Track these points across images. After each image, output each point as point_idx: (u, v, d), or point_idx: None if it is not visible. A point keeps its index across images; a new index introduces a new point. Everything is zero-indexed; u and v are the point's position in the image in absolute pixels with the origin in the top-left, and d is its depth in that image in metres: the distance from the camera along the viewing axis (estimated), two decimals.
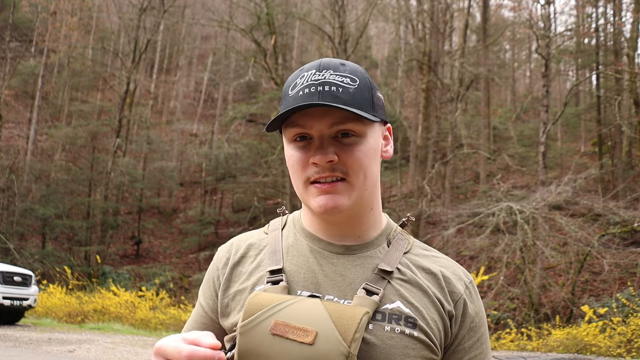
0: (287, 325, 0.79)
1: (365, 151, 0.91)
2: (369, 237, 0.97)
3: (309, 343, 0.77)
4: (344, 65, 0.91)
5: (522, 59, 35.33)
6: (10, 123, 25.81)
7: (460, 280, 0.96)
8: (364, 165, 0.91)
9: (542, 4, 17.64)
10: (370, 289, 0.89)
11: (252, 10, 21.12)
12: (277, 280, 0.91)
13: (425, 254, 1.00)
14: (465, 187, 22.68)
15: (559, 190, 13.20)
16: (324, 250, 0.95)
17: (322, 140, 0.90)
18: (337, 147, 0.90)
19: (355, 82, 0.89)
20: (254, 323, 0.81)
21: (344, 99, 0.87)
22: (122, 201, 24.78)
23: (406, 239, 1.01)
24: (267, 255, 0.97)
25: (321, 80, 0.88)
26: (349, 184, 0.91)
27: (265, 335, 0.79)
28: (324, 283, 0.91)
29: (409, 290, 0.91)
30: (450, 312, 0.92)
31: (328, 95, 0.87)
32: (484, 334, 0.96)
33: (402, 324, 0.87)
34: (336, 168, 0.90)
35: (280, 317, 0.80)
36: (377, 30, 36.15)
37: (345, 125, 0.89)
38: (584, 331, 9.42)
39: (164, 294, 14.55)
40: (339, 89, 0.88)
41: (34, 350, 7.95)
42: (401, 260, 0.96)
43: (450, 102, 18.69)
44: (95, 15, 30.83)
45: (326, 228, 0.96)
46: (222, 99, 30.58)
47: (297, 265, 0.94)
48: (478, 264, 13.41)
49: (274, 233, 1.01)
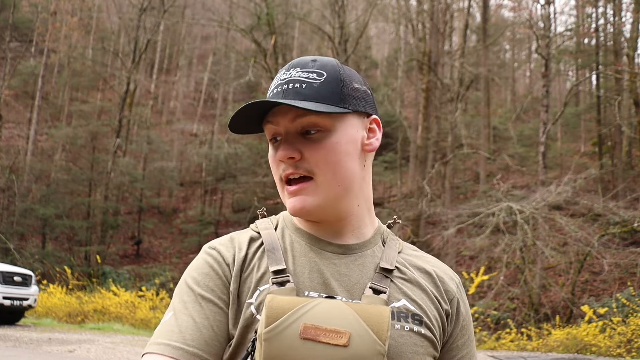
0: (317, 328, 0.75)
1: (332, 146, 0.88)
2: (366, 236, 0.96)
3: (344, 345, 0.74)
4: (315, 62, 0.90)
5: (522, 59, 35.35)
6: (10, 123, 25.81)
7: (452, 279, 0.98)
8: (330, 161, 0.88)
9: (542, 4, 17.64)
10: (377, 287, 0.88)
11: (252, 10, 21.12)
12: (284, 281, 0.87)
13: (416, 254, 1.00)
14: (465, 187, 22.68)
15: (559, 190, 13.21)
16: (324, 250, 0.93)
17: (287, 136, 0.89)
18: (302, 144, 0.88)
19: (321, 76, 0.88)
20: (280, 328, 0.76)
21: (307, 94, 0.86)
22: (122, 201, 24.79)
23: (396, 239, 1.00)
24: (265, 254, 0.93)
25: (287, 79, 0.89)
26: (315, 182, 0.88)
27: (295, 340, 0.75)
28: (331, 283, 0.89)
29: (411, 289, 0.91)
30: (447, 310, 0.94)
31: (291, 93, 0.87)
32: (472, 333, 1.00)
33: (410, 322, 0.87)
34: (299, 165, 0.88)
35: (308, 319, 0.76)
36: (377, 30, 36.16)
37: (308, 119, 0.87)
38: (584, 331, 9.43)
39: (164, 294, 14.54)
40: (303, 84, 0.87)
41: (34, 350, 7.96)
42: (397, 260, 0.95)
43: (450, 102, 18.70)
44: (95, 15, 30.83)
45: (318, 227, 0.94)
46: (222, 99, 30.59)
47: (300, 265, 0.91)
48: (478, 264, 13.41)
49: (268, 231, 0.96)
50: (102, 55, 31.23)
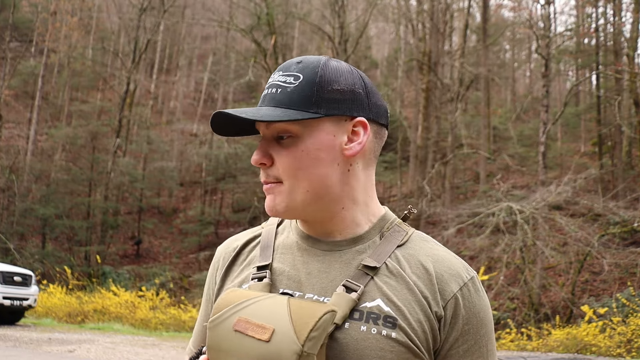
0: (248, 322, 0.79)
1: (299, 153, 0.87)
2: (357, 233, 0.92)
3: (266, 340, 0.77)
4: (299, 63, 0.89)
5: (522, 59, 35.34)
6: (10, 123, 25.81)
7: (456, 277, 0.87)
8: (295, 168, 0.87)
9: (542, 4, 17.64)
10: (350, 285, 0.85)
11: (252, 10, 21.12)
12: (261, 277, 0.90)
13: (423, 246, 0.92)
14: (465, 187, 22.67)
15: (559, 190, 13.21)
16: (312, 248, 0.93)
17: (263, 141, 0.91)
18: (275, 149, 0.89)
19: (297, 79, 0.87)
20: (220, 319, 0.82)
21: (279, 100, 0.87)
22: (122, 201, 24.78)
23: (404, 230, 0.93)
24: (259, 252, 0.97)
25: (270, 83, 0.90)
26: (282, 186, 0.89)
27: (229, 331, 0.80)
28: (306, 281, 0.89)
29: (394, 288, 0.86)
30: (438, 313, 0.85)
31: (268, 98, 0.88)
32: (484, 338, 0.87)
33: (380, 324, 0.82)
34: (269, 173, 0.90)
35: (244, 314, 0.80)
36: (377, 30, 36.16)
37: (279, 125, 0.87)
38: (584, 331, 9.42)
39: (164, 294, 14.55)
40: (278, 89, 0.88)
41: (34, 350, 7.96)
42: (392, 254, 0.90)
43: (450, 102, 18.70)
44: (95, 15, 30.83)
45: (309, 226, 0.94)
46: (222, 99, 30.59)
47: (283, 262, 0.93)
48: (478, 264, 13.41)
49: (269, 228, 1.00)
50: (102, 55, 31.22)
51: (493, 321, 0.92)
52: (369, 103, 0.91)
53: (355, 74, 0.91)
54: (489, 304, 0.91)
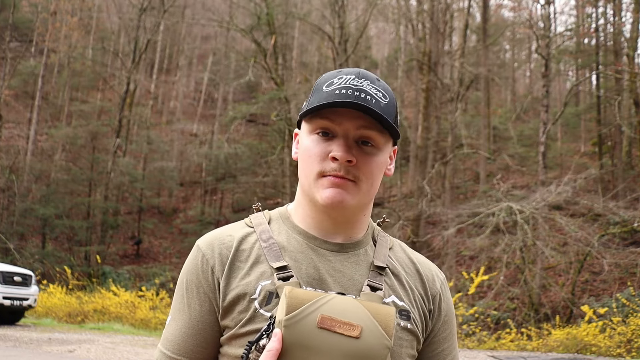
0: (333, 320, 0.82)
1: (378, 163, 0.97)
2: (358, 236, 1.03)
3: (356, 337, 0.82)
4: (379, 81, 0.97)
5: (522, 59, 35.33)
6: (10, 123, 25.81)
7: (436, 277, 1.05)
8: (373, 175, 0.97)
9: (542, 4, 17.65)
10: (374, 285, 0.95)
11: (252, 10, 21.11)
12: (288, 277, 0.93)
13: (406, 250, 1.08)
14: (465, 187, 22.67)
15: (559, 190, 13.20)
16: (320, 248, 0.99)
17: (347, 140, 0.94)
18: (357, 152, 0.95)
19: (386, 98, 0.96)
20: (300, 316, 0.83)
21: (382, 109, 0.94)
22: (122, 201, 24.78)
23: (387, 236, 1.07)
24: (263, 250, 0.97)
25: (359, 87, 0.94)
26: (357, 186, 0.95)
27: (312, 329, 0.82)
28: (327, 279, 0.95)
29: (399, 286, 0.99)
30: (429, 307, 1.01)
31: (363, 102, 0.92)
32: (454, 327, 1.07)
33: (398, 317, 0.95)
34: (350, 171, 0.94)
35: (326, 311, 0.83)
36: (377, 30, 36.15)
37: (370, 131, 0.95)
38: (584, 331, 9.42)
39: (164, 294, 14.54)
40: (373, 99, 0.93)
41: (34, 350, 7.96)
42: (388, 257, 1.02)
43: (450, 102, 18.69)
44: (95, 15, 30.82)
45: (321, 225, 0.99)
46: (222, 99, 30.58)
47: (297, 261, 0.96)
48: (478, 264, 13.41)
49: (263, 227, 1.01)
50: (102, 55, 31.21)
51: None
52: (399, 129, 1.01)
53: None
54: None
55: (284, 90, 19.50)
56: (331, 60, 21.99)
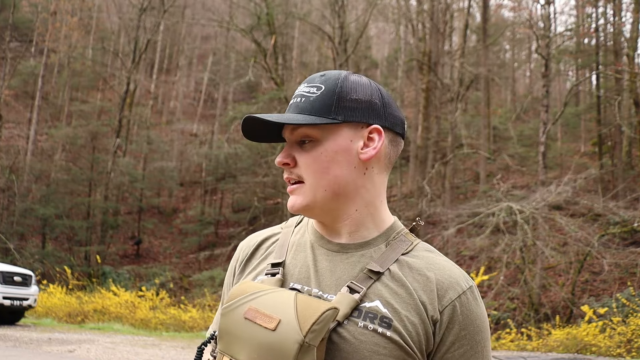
0: (257, 311, 0.87)
1: (319, 154, 0.97)
2: (366, 238, 1.00)
3: (272, 329, 0.84)
4: (322, 76, 0.99)
5: (522, 59, 35.33)
6: (10, 123, 25.81)
7: (455, 285, 0.94)
8: (315, 168, 0.97)
9: (542, 4, 17.64)
10: (354, 287, 0.93)
11: (252, 10, 21.12)
12: (274, 273, 0.99)
13: (425, 255, 0.98)
14: (465, 187, 22.67)
15: (559, 190, 13.20)
16: (322, 247, 1.01)
17: (287, 145, 1.01)
18: (298, 152, 0.99)
19: (320, 89, 0.97)
20: (233, 306, 0.90)
21: (303, 107, 0.97)
22: (122, 201, 24.78)
23: (410, 240, 1.01)
24: (275, 249, 1.05)
25: (296, 93, 1.00)
26: (303, 185, 0.98)
27: (239, 318, 0.88)
28: (314, 278, 0.97)
29: (393, 292, 0.92)
30: (434, 317, 0.91)
31: (293, 107, 0.99)
32: (480, 344, 0.93)
33: (377, 323, 0.90)
34: (293, 172, 0.99)
35: (254, 303, 0.88)
36: (377, 30, 36.16)
37: (301, 130, 0.97)
38: (584, 331, 9.42)
39: (164, 294, 14.55)
40: (302, 99, 0.98)
41: (34, 350, 7.96)
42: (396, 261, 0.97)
43: (450, 102, 18.70)
44: (95, 15, 30.83)
45: (322, 227, 1.03)
46: (222, 99, 30.58)
47: (296, 259, 1.02)
48: (478, 264, 13.41)
49: (287, 229, 1.10)
50: (102, 55, 31.22)
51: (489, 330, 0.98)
52: (385, 112, 0.99)
53: (373, 86, 1.00)
54: (486, 313, 0.98)
55: (284, 90, 19.51)
56: (331, 60, 21.98)
